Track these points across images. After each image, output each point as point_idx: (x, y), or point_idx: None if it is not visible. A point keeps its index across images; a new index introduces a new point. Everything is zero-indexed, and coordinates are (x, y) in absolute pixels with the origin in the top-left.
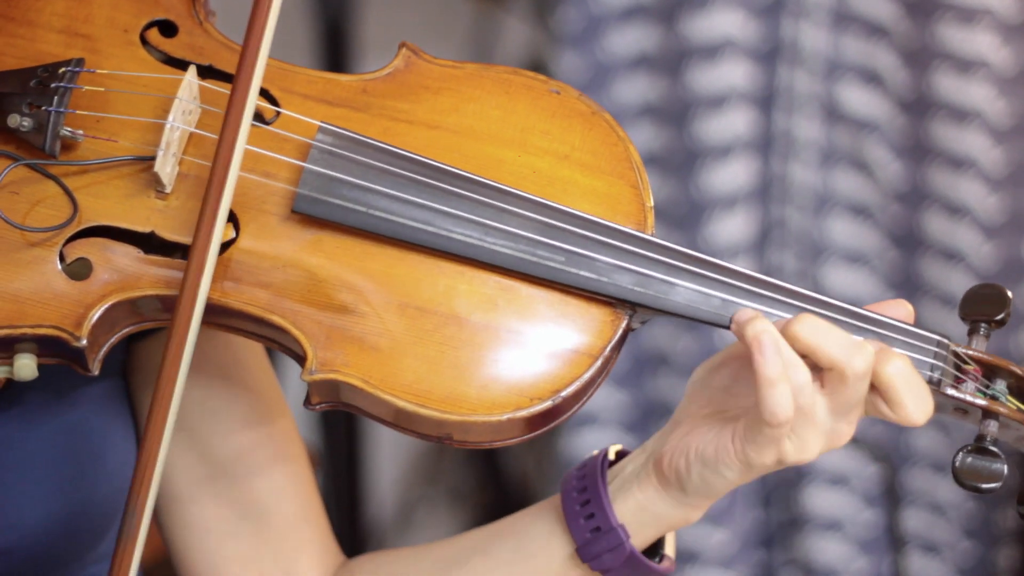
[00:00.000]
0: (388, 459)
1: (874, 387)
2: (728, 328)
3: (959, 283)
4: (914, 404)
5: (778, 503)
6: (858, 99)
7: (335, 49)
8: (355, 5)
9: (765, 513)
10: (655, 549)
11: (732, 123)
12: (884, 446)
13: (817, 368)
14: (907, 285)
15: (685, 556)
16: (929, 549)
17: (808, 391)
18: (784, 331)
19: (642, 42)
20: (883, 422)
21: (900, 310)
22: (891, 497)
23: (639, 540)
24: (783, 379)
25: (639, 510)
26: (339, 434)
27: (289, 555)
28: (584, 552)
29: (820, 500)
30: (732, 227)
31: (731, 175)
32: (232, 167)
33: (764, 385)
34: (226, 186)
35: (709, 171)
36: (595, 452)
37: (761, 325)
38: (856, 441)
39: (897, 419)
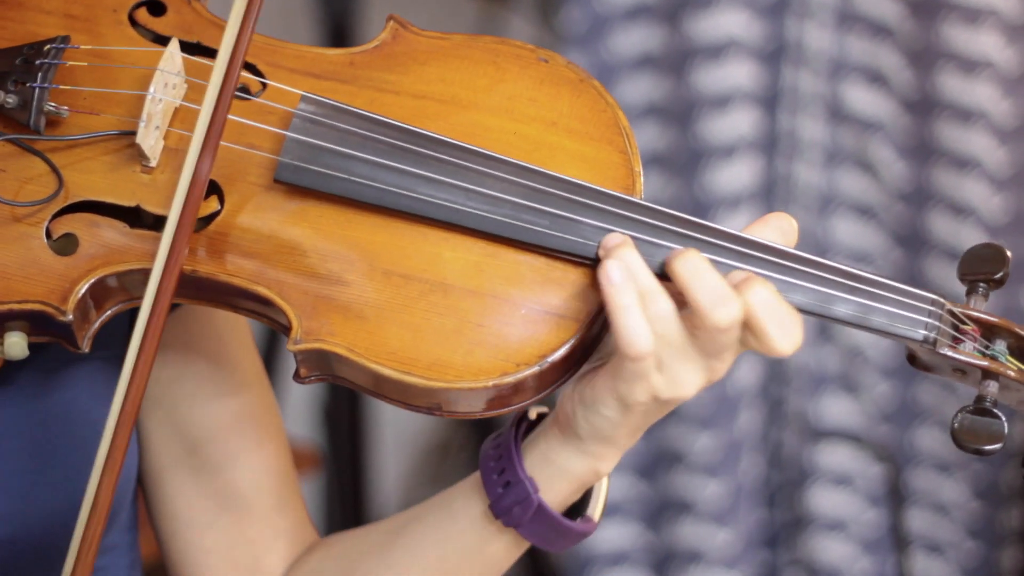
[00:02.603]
0: (392, 459)
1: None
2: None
3: None
4: (779, 336)
5: (782, 503)
6: (862, 99)
7: (338, 47)
8: (358, 5)
9: (769, 513)
10: (579, 510)
11: (736, 123)
12: (888, 446)
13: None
14: (912, 284)
15: (689, 556)
16: (933, 549)
17: (667, 323)
18: (665, 261)
19: (646, 42)
20: (888, 422)
21: (781, 223)
22: (895, 497)
23: (552, 495)
24: (633, 307)
25: (545, 462)
26: (343, 435)
27: (262, 545)
28: (496, 507)
29: (824, 500)
30: (736, 227)
31: (735, 175)
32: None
33: (613, 312)
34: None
35: (713, 171)
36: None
37: (619, 253)
38: (860, 441)
39: (762, 351)
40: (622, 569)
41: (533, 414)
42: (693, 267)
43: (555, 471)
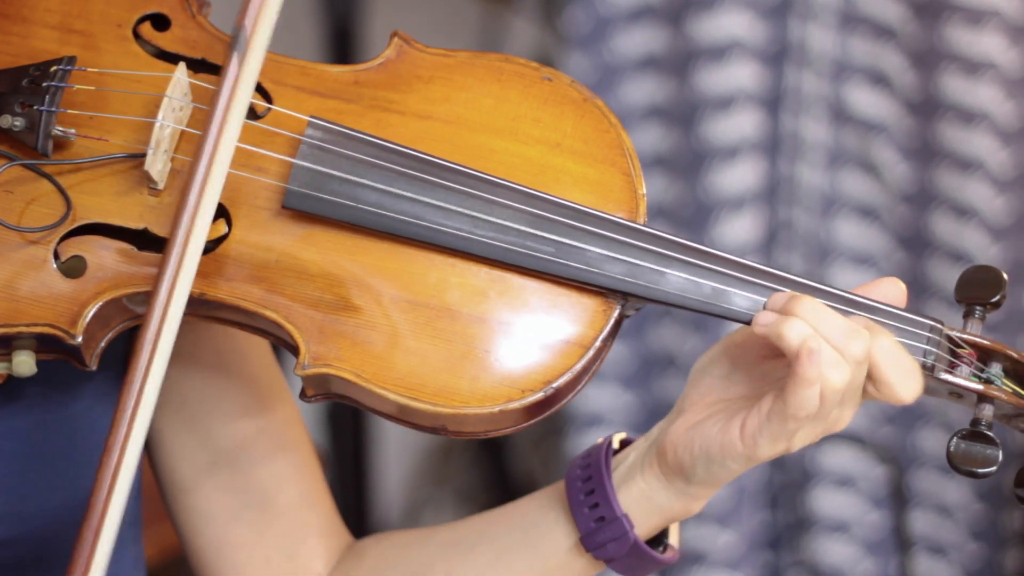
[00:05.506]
0: (395, 460)
1: None
2: (717, 316)
3: None
4: (902, 383)
5: (785, 505)
6: (865, 100)
7: (342, 50)
8: (362, 6)
9: (772, 514)
10: (659, 538)
11: (739, 124)
12: (891, 447)
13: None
14: (914, 286)
15: (692, 557)
16: (936, 551)
17: (838, 389)
18: (785, 310)
19: (650, 43)
20: (891, 424)
21: (892, 288)
22: (898, 499)
23: (642, 529)
24: (820, 380)
25: (642, 499)
26: (346, 435)
27: (293, 539)
28: (588, 541)
29: (827, 501)
30: (739, 228)
31: (738, 176)
32: (215, 167)
33: (802, 385)
34: (208, 186)
35: (716, 172)
36: (600, 440)
37: (801, 329)
38: (863, 442)
39: (884, 398)
40: None
41: (616, 442)
42: (814, 311)
43: (652, 509)
